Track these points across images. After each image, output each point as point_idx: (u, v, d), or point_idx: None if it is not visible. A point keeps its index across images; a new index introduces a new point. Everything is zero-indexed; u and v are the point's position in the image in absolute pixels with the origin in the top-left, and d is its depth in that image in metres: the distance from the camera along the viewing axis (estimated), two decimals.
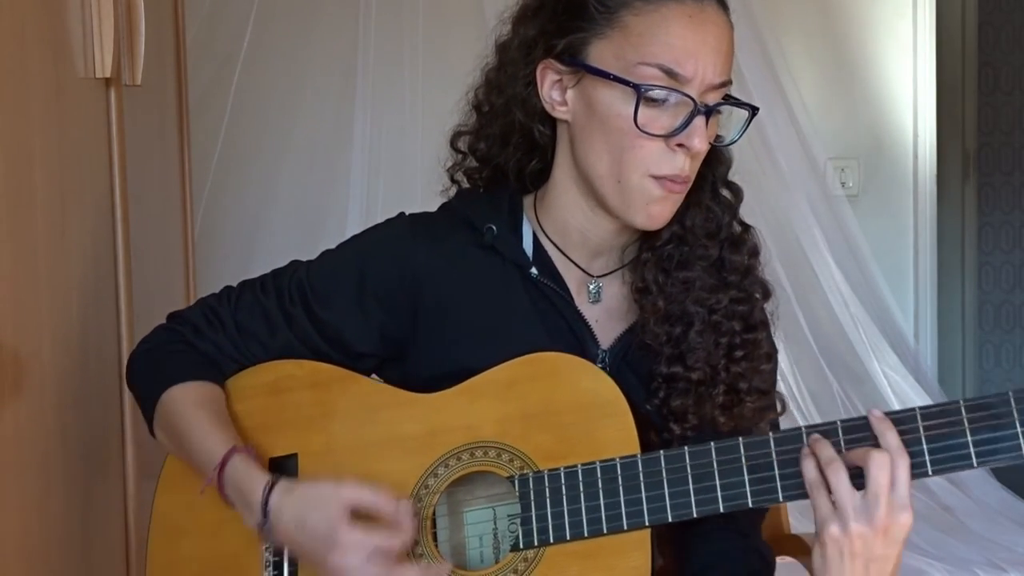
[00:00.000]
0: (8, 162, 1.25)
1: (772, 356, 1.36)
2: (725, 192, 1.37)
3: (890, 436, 1.16)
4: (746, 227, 1.37)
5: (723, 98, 1.29)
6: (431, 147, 1.50)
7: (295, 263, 1.42)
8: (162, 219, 2.10)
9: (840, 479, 1.15)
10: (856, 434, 1.18)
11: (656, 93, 1.24)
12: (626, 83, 1.25)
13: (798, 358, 3.43)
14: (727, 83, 1.28)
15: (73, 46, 1.49)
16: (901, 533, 1.14)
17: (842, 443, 1.18)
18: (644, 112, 1.25)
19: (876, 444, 1.17)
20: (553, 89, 1.32)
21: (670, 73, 1.24)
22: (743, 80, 3.46)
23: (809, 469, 1.17)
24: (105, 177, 1.62)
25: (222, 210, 3.17)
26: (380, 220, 1.43)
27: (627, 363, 1.35)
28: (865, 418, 1.18)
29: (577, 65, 1.29)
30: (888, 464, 1.14)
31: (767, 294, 1.37)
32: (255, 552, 1.31)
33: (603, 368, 1.34)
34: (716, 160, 1.36)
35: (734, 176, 1.39)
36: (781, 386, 1.41)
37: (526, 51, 1.34)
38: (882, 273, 3.66)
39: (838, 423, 1.20)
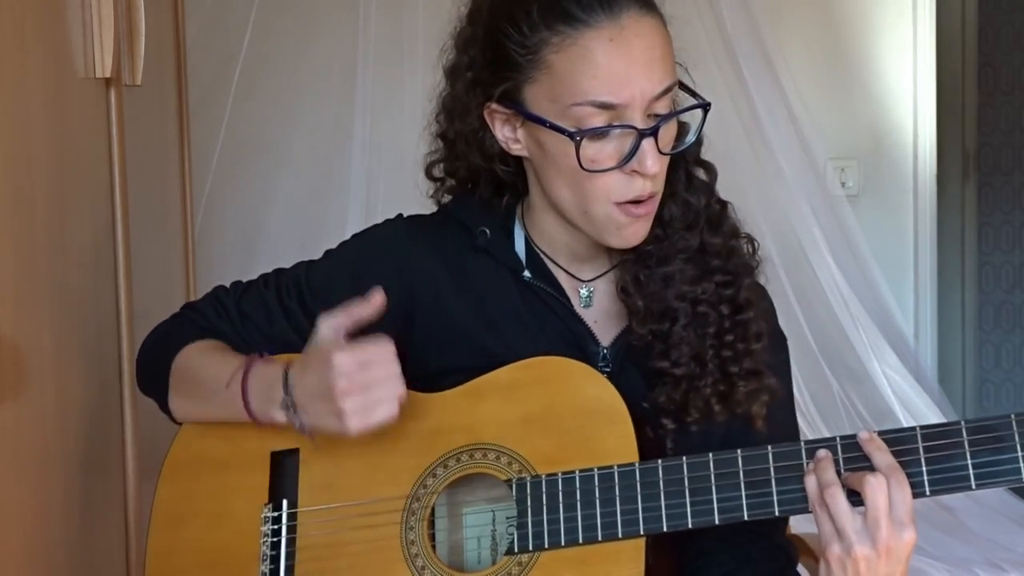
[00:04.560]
0: (8, 162, 1.25)
1: (761, 336, 1.33)
2: (699, 172, 1.35)
3: (879, 457, 1.15)
4: (723, 204, 1.35)
5: (674, 102, 1.26)
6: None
7: (300, 263, 1.44)
8: (162, 219, 2.10)
9: (838, 503, 1.14)
10: (854, 452, 1.17)
11: (596, 131, 1.22)
12: (562, 131, 1.23)
13: (798, 358, 3.41)
14: (671, 87, 1.24)
15: (73, 46, 1.49)
16: (904, 552, 1.13)
17: (840, 460, 1.17)
18: (590, 149, 1.23)
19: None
20: (505, 127, 1.31)
21: (605, 106, 1.21)
22: (743, 80, 3.46)
23: (812, 487, 1.16)
24: (105, 177, 1.63)
25: (222, 210, 3.16)
26: (380, 220, 1.45)
27: (630, 360, 1.35)
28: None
29: (516, 110, 1.28)
30: (884, 486, 1.12)
31: (750, 271, 1.35)
32: (253, 543, 1.32)
33: (606, 365, 1.34)
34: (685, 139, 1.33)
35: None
36: None
37: (471, 94, 1.33)
38: (882, 273, 3.65)
39: (837, 440, 1.19)
